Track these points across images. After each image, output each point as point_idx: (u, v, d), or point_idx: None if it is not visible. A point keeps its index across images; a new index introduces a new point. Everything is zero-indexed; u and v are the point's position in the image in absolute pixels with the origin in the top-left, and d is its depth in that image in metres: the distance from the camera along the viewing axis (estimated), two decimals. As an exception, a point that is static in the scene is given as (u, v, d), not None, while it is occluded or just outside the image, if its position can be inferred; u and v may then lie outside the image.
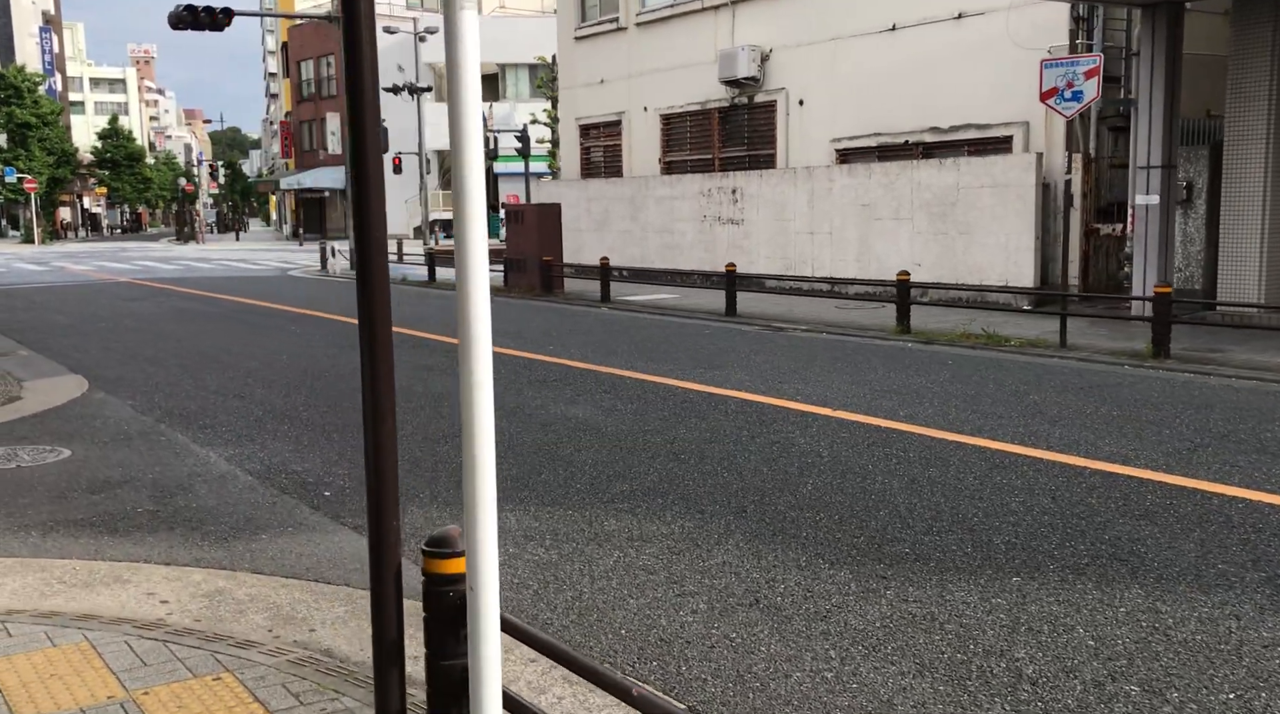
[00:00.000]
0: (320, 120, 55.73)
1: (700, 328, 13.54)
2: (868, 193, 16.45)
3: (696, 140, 20.73)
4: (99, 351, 12.00)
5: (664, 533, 5.08)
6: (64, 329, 14.29)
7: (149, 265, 31.65)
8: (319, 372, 10.17)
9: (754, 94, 19.13)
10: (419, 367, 10.32)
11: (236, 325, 14.36)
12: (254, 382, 9.68)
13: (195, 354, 11.60)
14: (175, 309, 16.86)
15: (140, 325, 14.52)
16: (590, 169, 23.78)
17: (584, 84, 23.51)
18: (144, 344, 12.54)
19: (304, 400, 8.68)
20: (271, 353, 11.57)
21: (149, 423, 7.93)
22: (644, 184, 21.18)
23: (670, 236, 20.57)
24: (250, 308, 16.90)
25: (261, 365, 10.66)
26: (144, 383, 9.79)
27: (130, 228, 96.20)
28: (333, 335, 13.08)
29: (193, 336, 13.16)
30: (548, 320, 14.66)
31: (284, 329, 13.83)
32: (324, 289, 21.43)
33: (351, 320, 13.89)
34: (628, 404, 8.21)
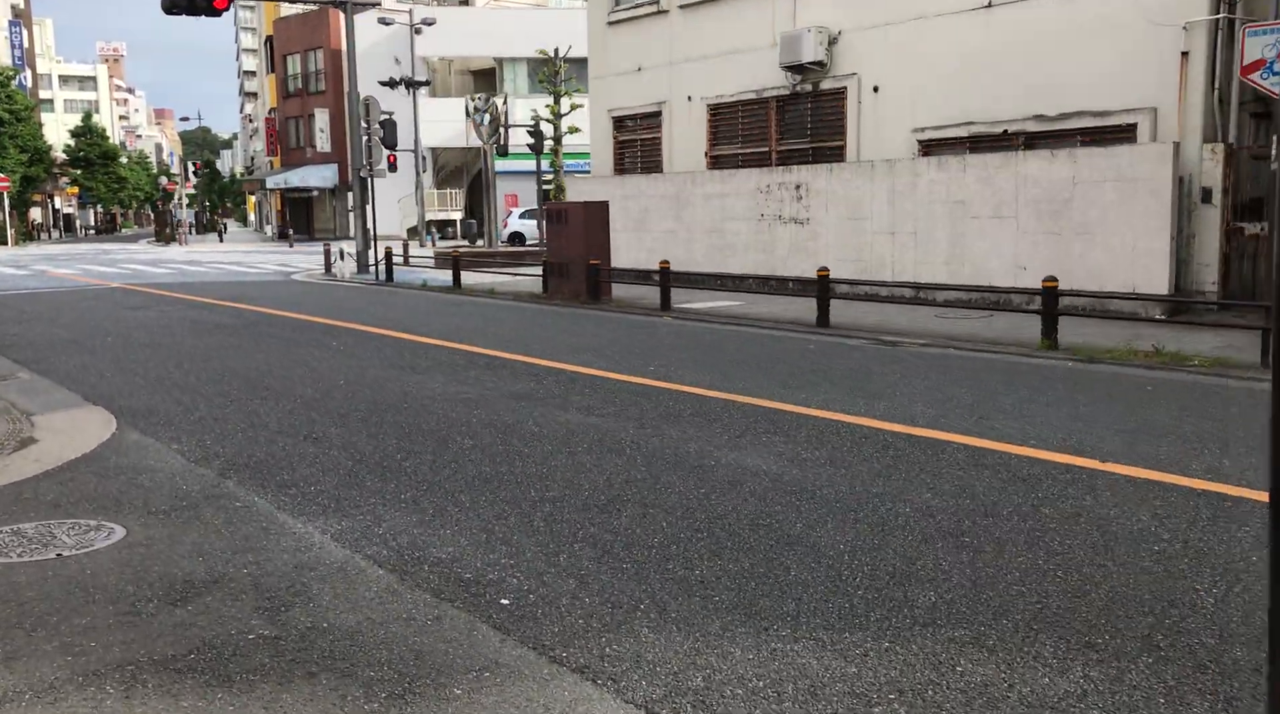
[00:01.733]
0: (308, 117, 53.73)
1: (800, 343, 11.86)
2: (961, 188, 14.82)
3: (750, 132, 19.05)
4: (116, 374, 10.18)
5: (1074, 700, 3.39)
6: (67, 345, 12.44)
7: (137, 268, 29.65)
8: (392, 403, 8.41)
9: (820, 80, 17.47)
10: (518, 396, 8.57)
11: (266, 340, 12.56)
12: (320, 416, 7.91)
13: (233, 377, 9.80)
14: (187, 320, 15.01)
15: (154, 340, 12.69)
16: (624, 164, 22.06)
17: (618, 73, 21.79)
18: (167, 364, 10.72)
19: (396, 444, 6.93)
20: (323, 376, 9.79)
21: (210, 479, 6.17)
22: (690, 180, 19.48)
23: (721, 237, 18.89)
24: (271, 318, 15.07)
25: (319, 393, 8.89)
26: (184, 418, 8.00)
27: (104, 229, 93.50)
28: (384, 353, 11.31)
29: (221, 354, 11.35)
30: (615, 334, 12.94)
31: (322, 345, 12.05)
32: (341, 296, 19.61)
33: (397, 334, 12.07)
34: (812, 450, 6.51)
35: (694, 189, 19.41)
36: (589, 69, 22.74)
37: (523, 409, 7.99)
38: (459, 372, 9.89)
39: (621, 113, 21.87)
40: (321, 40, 52.84)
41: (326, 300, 18.30)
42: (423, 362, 10.58)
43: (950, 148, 15.67)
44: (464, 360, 10.62)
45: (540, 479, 5.95)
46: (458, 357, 10.87)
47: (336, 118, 52.61)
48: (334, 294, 19.88)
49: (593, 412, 7.81)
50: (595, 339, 12.27)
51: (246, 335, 13.03)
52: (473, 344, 11.88)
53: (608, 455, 6.44)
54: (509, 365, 10.23)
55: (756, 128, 18.90)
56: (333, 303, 17.72)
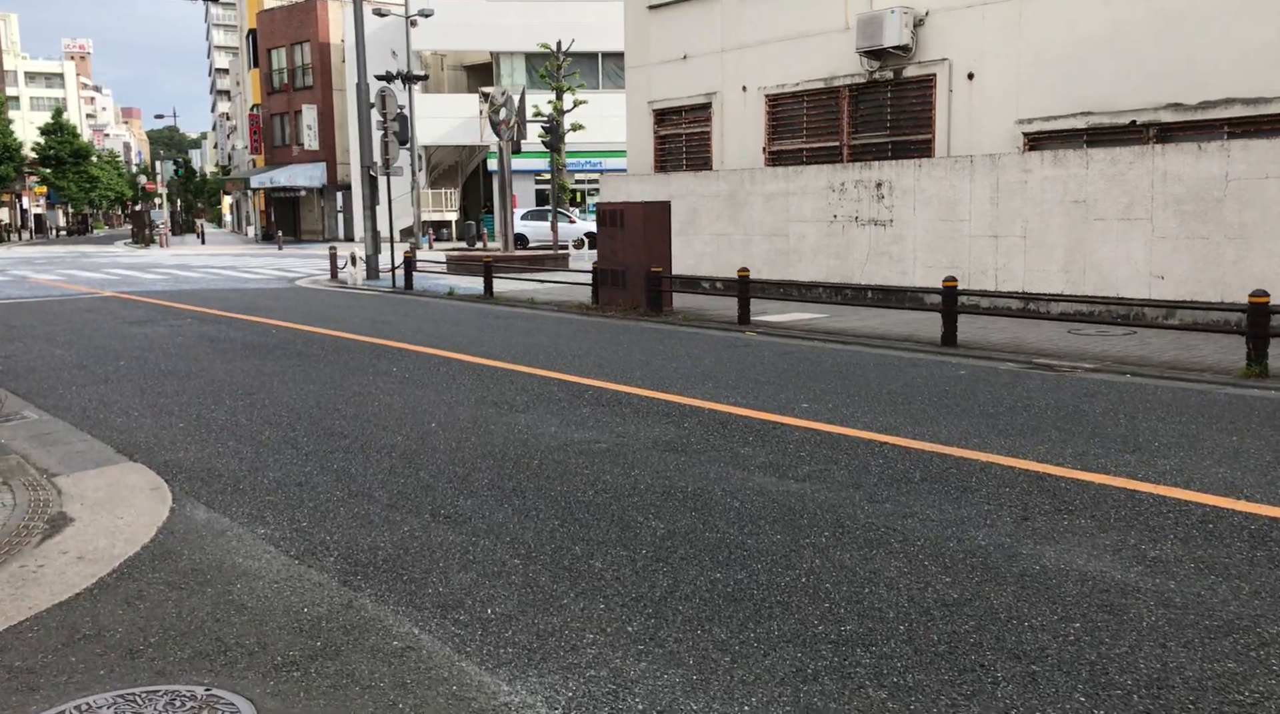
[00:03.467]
0: (294, 113, 51.63)
1: (940, 367, 10.16)
2: (1083, 186, 13.17)
3: (817, 125, 17.34)
4: (145, 413, 8.33)
5: None
6: (73, 371, 10.55)
7: (126, 274, 27.59)
8: (515, 458, 6.63)
9: (903, 67, 15.79)
10: (666, 446, 6.80)
11: (310, 366, 10.72)
12: (435, 479, 6.13)
13: (292, 418, 7.98)
14: (205, 338, 13.12)
15: (177, 366, 10.82)
16: (666, 161, 20.31)
17: (660, 61, 20.03)
18: (204, 399, 8.88)
19: (563, 529, 5.17)
20: (405, 417, 7.99)
21: (334, 591, 4.39)
22: (748, 178, 17.76)
23: (784, 241, 17.18)
24: (303, 337, 13.22)
25: (414, 442, 7.09)
26: (255, 482, 6.20)
27: (76, 230, 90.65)
28: (460, 383, 9.51)
29: (264, 386, 9.51)
30: (713, 355, 11.20)
31: (380, 371, 10.23)
32: (366, 307, 17.74)
33: (460, 356, 10.22)
34: (1154, 544, 4.80)
35: (752, 188, 17.70)
36: (626, 58, 20.96)
37: (688, 468, 6.24)
38: (568, 409, 8.11)
39: (664, 105, 20.11)
40: (308, 33, 50.73)
41: (353, 313, 16.44)
42: (515, 395, 8.79)
43: (1063, 141, 14.02)
44: (563, 393, 8.84)
45: (804, 595, 4.21)
46: (553, 387, 9.09)
47: (325, 114, 50.57)
48: (356, 305, 18.01)
49: (785, 473, 6.06)
50: (695, 363, 10.52)
51: (284, 359, 11.18)
52: (556, 370, 10.10)
53: (872, 552, 4.71)
54: (623, 400, 8.46)
55: (825, 120, 17.20)
56: (362, 316, 15.87)
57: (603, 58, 47.49)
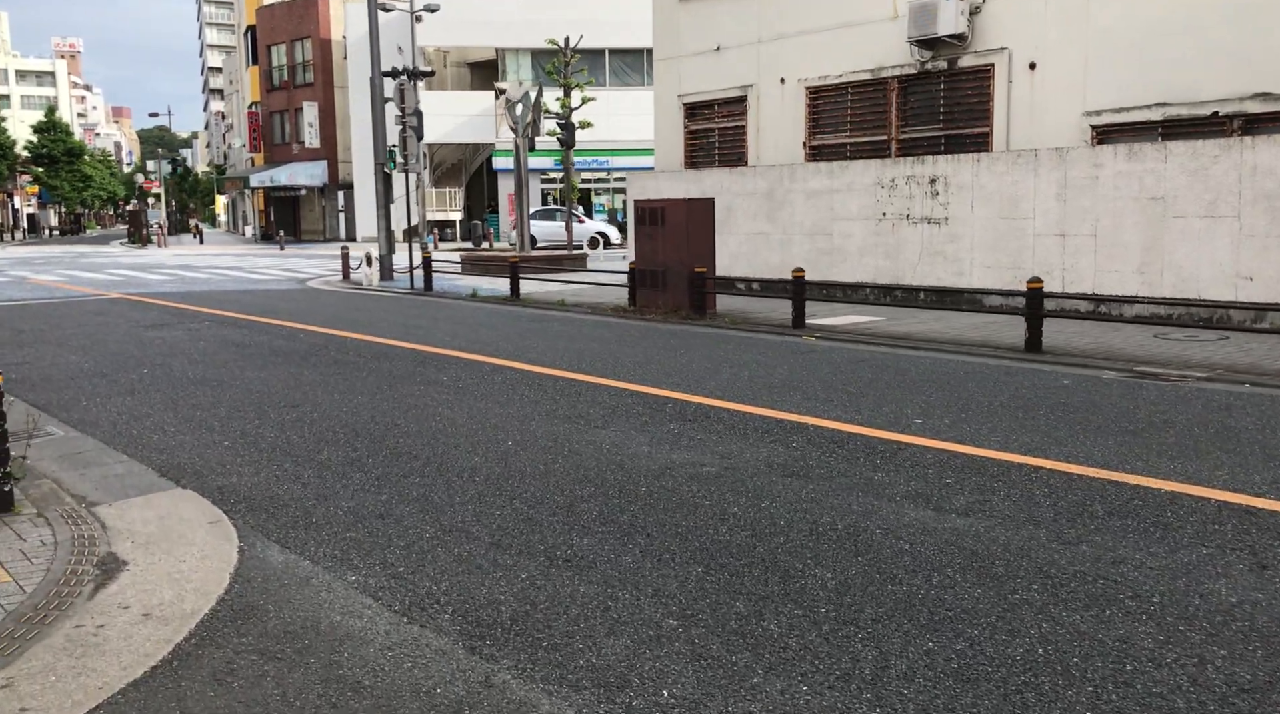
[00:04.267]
0: (295, 111, 50.73)
1: (1036, 376, 9.40)
2: (1161, 182, 12.42)
3: (862, 118, 16.58)
4: (182, 428, 7.52)
5: None
6: (94, 380, 9.72)
7: (129, 275, 26.71)
8: (616, 484, 5.85)
9: (958, 57, 15.03)
10: (783, 470, 6.01)
11: (351, 374, 9.91)
12: (535, 510, 5.34)
13: (349, 435, 7.18)
14: (229, 343, 12.30)
15: (205, 374, 9.99)
16: (697, 157, 19.53)
17: (692, 53, 19.24)
18: (244, 411, 8.06)
19: (710, 576, 4.40)
20: (475, 433, 7.20)
21: (475, 667, 3.61)
22: (787, 174, 16.99)
23: (828, 240, 16.41)
24: (335, 342, 12.40)
25: (494, 464, 6.30)
26: (328, 513, 5.41)
27: (69, 229, 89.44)
28: (520, 393, 8.71)
29: (306, 396, 8.71)
30: (784, 363, 10.42)
31: (430, 380, 9.42)
32: (390, 309, 16.92)
33: (510, 363, 9.24)
34: None
35: (792, 184, 16.93)
36: (654, 50, 20.18)
37: (823, 498, 5.45)
38: (651, 425, 7.32)
39: (695, 99, 19.32)
40: (309, 30, 49.82)
41: (378, 315, 15.62)
42: (586, 407, 7.99)
43: (1135, 134, 13.27)
44: (639, 405, 8.05)
45: (1057, 675, 3.46)
46: (625, 399, 8.30)
47: (326, 112, 49.69)
48: (379, 307, 17.18)
49: (939, 505, 5.29)
50: (767, 371, 9.74)
51: (320, 366, 10.36)
52: (619, 378, 9.31)
53: (1105, 612, 3.93)
54: (710, 414, 7.67)
55: (871, 113, 16.43)
56: (389, 319, 15.05)
57: (610, 54, 46.69)
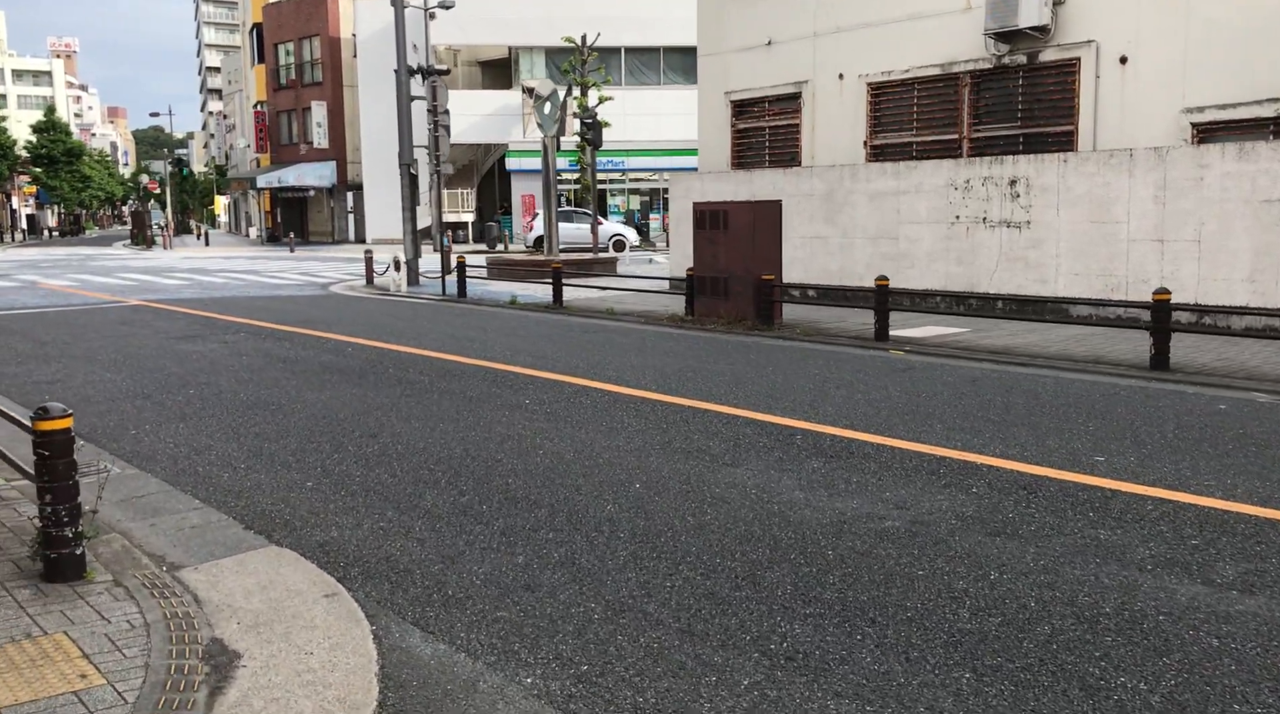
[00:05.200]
0: (303, 110, 49.80)
1: (1186, 399, 8.52)
2: (1276, 184, 11.55)
3: (930, 116, 15.69)
4: (253, 462, 6.63)
5: None
6: (138, 402, 8.81)
7: (142, 279, 25.77)
8: (800, 545, 4.99)
9: (1039, 50, 14.15)
10: (990, 529, 5.13)
11: (419, 394, 9.03)
12: (717, 582, 4.48)
13: (450, 474, 6.31)
14: (272, 357, 11.39)
15: (260, 395, 9.08)
16: (745, 157, 18.64)
17: (739, 48, 18.36)
18: (318, 443, 7.17)
19: (1037, 702, 3.48)
20: (593, 472, 6.33)
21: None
22: (848, 175, 16.10)
23: (894, 244, 15.53)
24: (390, 357, 11.50)
25: (636, 515, 5.42)
26: (465, 583, 4.55)
27: (69, 231, 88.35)
28: (620, 420, 7.82)
29: (382, 423, 7.82)
30: (888, 384, 9.53)
31: (512, 404, 8.52)
32: (433, 319, 16.02)
33: (591, 383, 8.40)
34: None
35: (853, 186, 16.05)
36: (698, 45, 19.28)
37: (1061, 568, 4.58)
38: (788, 462, 6.44)
39: (743, 96, 18.43)
40: (318, 27, 48.87)
41: (420, 325, 14.71)
42: (703, 439, 7.10)
43: (1243, 132, 12.40)
44: (762, 436, 7.16)
45: None
46: (743, 429, 7.41)
47: (335, 112, 48.76)
48: (419, 316, 16.27)
49: (1205, 577, 4.42)
50: (880, 393, 8.86)
51: (383, 386, 9.46)
52: (721, 401, 8.43)
53: None
54: (851, 448, 6.78)
55: (940, 111, 15.55)
56: (435, 330, 14.15)
57: (625, 53, 45.79)
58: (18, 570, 4.73)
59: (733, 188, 17.90)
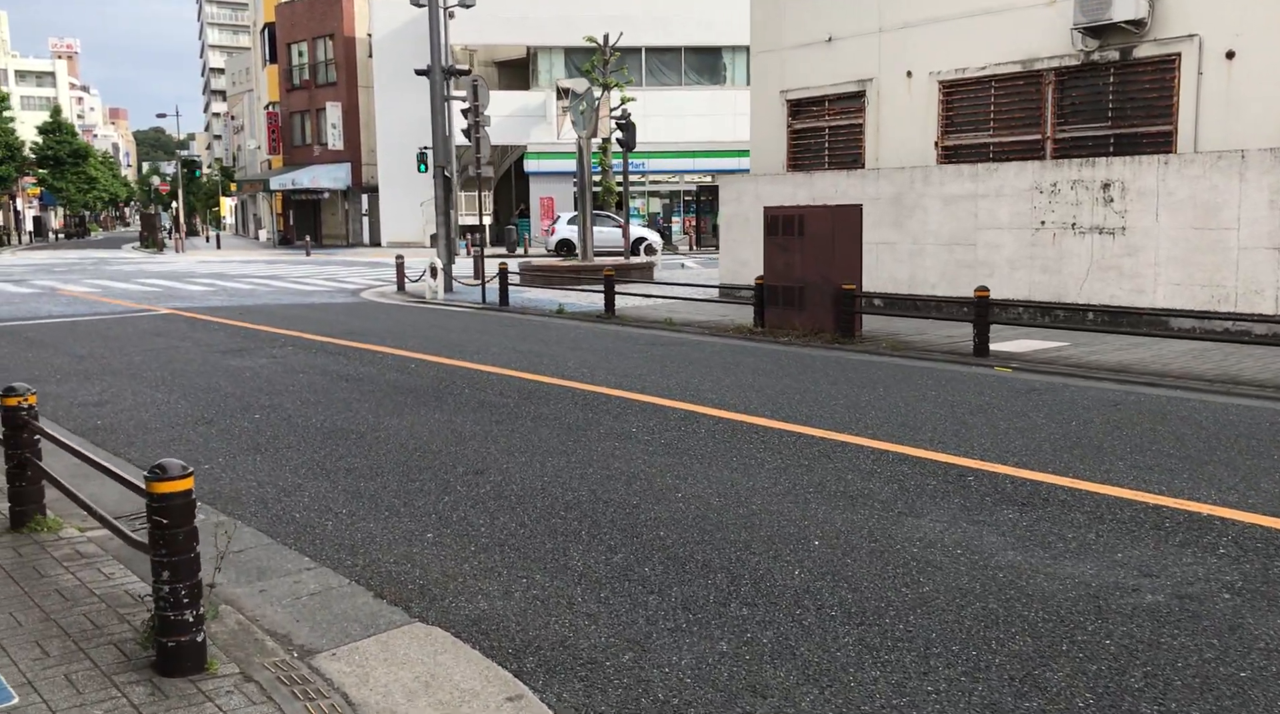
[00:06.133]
0: (317, 111, 49.02)
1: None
2: None
3: (1010, 115, 14.88)
4: (356, 506, 5.83)
5: None
6: (200, 428, 8.00)
7: (165, 285, 24.95)
8: (1069, 633, 4.18)
9: (1133, 45, 13.33)
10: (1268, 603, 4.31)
11: (510, 421, 8.23)
12: (982, 682, 3.67)
13: (589, 525, 5.52)
14: (333, 375, 10.58)
15: (334, 421, 8.27)
16: (802, 158, 17.83)
17: (797, 44, 17.55)
18: (422, 481, 6.37)
19: None
20: (747, 521, 5.55)
21: None
22: (920, 177, 15.29)
23: (969, 251, 14.71)
24: (458, 374, 10.69)
25: (834, 583, 4.63)
26: (674, 684, 3.78)
27: (75, 233, 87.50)
28: (746, 451, 7.02)
29: (483, 456, 7.02)
30: (1020, 407, 8.72)
31: (615, 432, 7.72)
32: (478, 328, 15.20)
33: (687, 406, 7.78)
34: None
35: (925, 189, 15.23)
36: (751, 42, 18.47)
37: None
38: (974, 510, 5.63)
39: (801, 94, 17.62)
40: (332, 26, 48.07)
41: (477, 337, 13.89)
42: (858, 479, 6.29)
43: (1367, 133, 11.58)
44: (923, 475, 6.35)
45: None
46: (898, 466, 6.59)
47: (350, 112, 47.97)
48: (470, 326, 15.45)
49: None
50: (1021, 419, 8.06)
51: (467, 411, 8.64)
52: (851, 431, 7.63)
53: None
54: (1041, 492, 5.96)
55: (1021, 110, 14.72)
56: (496, 342, 13.34)
57: (645, 53, 44.99)
58: (124, 659, 3.91)
59: (790, 191, 17.10)
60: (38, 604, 4.46)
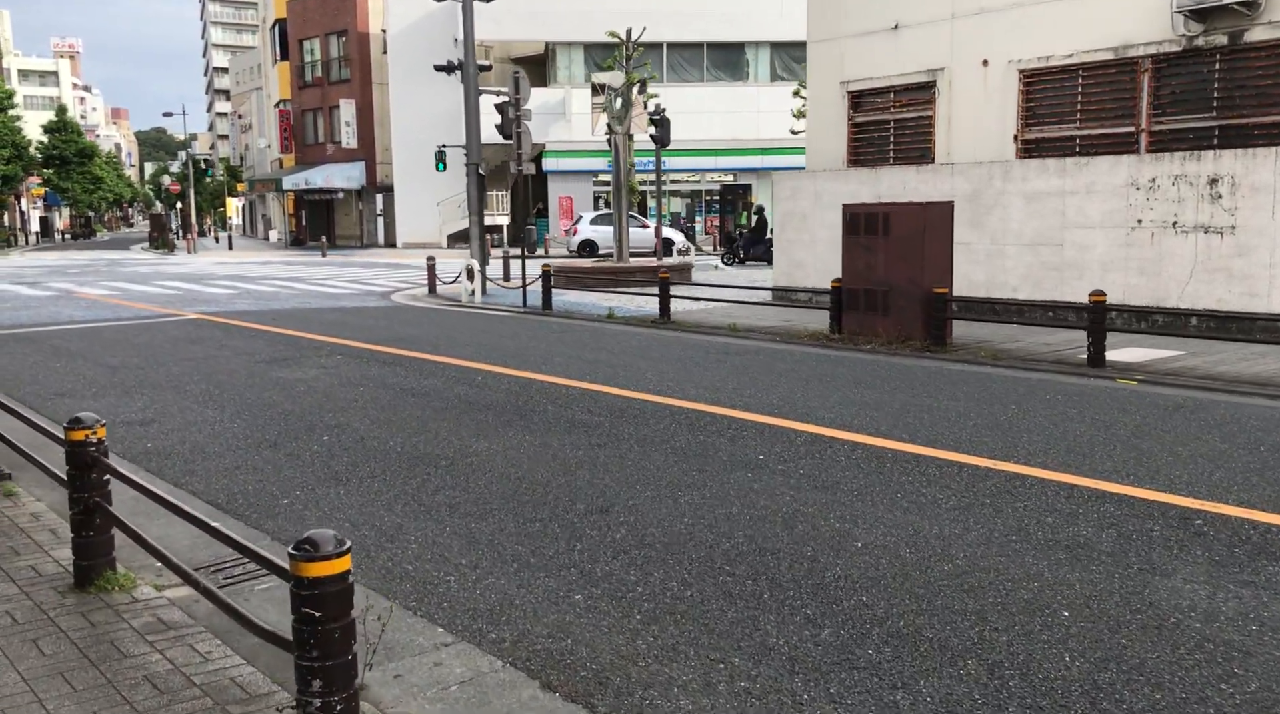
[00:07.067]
0: (330, 109, 48.10)
1: None
2: None
3: (1099, 106, 13.92)
4: (475, 556, 4.94)
5: None
6: (265, 453, 7.06)
7: (185, 287, 24.01)
8: None
9: (1244, 29, 12.37)
10: None
11: (613, 445, 7.30)
12: None
13: (768, 583, 4.63)
14: (395, 390, 9.64)
15: (414, 444, 7.33)
16: (864, 153, 16.88)
17: (859, 33, 16.59)
18: (543, 523, 5.45)
19: None
20: (959, 579, 4.65)
21: None
22: (999, 173, 14.34)
23: (1055, 252, 13.76)
24: (523, 385, 9.74)
25: (1135, 680, 3.65)
26: None
27: (81, 233, 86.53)
28: (894, 481, 6.10)
29: (596, 488, 6.11)
30: (1176, 428, 7.78)
31: (736, 460, 6.79)
32: (529, 334, 14.26)
33: (812, 428, 6.76)
34: None
35: (1005, 185, 14.28)
36: (808, 30, 17.52)
37: None
38: (1234, 566, 4.74)
39: (864, 86, 16.66)
40: (346, 22, 47.13)
41: (535, 344, 12.95)
42: (1068, 526, 5.37)
43: None
44: (1145, 520, 5.42)
45: None
46: (1104, 506, 5.66)
47: (364, 110, 47.04)
48: (521, 332, 14.51)
49: None
50: (1208, 446, 7.13)
51: (560, 431, 7.70)
52: (1017, 460, 6.70)
53: None
54: (1256, 539, 5.01)
55: (1112, 100, 13.77)
56: (558, 351, 12.39)
57: (666, 49, 44.05)
58: (252, 793, 2.97)
59: (854, 187, 16.15)
60: (125, 698, 3.53)
